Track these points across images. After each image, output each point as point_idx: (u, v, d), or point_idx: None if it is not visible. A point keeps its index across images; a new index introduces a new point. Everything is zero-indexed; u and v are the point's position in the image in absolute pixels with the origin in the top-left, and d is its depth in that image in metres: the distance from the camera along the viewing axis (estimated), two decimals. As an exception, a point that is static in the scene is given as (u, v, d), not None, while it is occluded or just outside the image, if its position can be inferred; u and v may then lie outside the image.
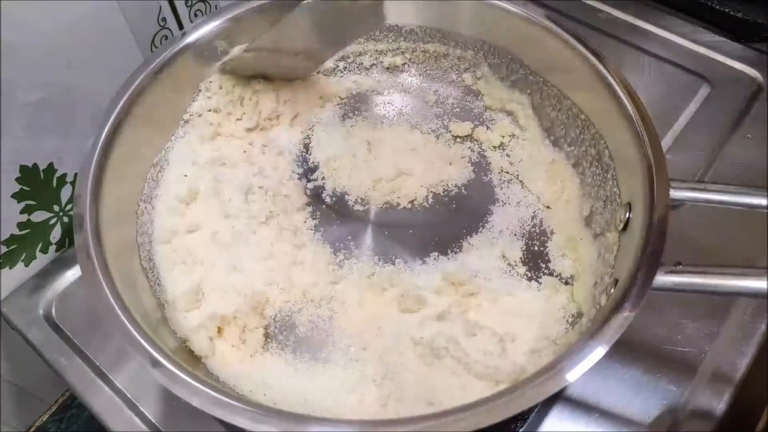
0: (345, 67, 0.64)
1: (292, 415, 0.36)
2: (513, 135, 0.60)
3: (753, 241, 0.55)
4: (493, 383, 0.44)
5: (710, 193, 0.43)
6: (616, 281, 0.43)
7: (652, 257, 0.40)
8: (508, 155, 0.59)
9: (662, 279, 0.39)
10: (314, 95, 0.63)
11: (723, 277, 0.38)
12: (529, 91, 0.59)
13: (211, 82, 0.57)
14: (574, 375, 0.36)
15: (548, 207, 0.55)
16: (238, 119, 0.58)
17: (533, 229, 0.54)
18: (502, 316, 0.49)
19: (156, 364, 0.38)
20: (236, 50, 0.56)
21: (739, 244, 0.55)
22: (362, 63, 0.64)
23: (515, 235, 0.54)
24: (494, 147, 0.60)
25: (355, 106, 0.63)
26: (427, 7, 0.60)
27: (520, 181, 0.58)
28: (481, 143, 0.60)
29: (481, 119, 0.62)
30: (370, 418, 0.42)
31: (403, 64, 0.64)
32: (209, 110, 0.57)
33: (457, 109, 0.63)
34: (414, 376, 0.46)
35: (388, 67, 0.65)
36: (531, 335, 0.47)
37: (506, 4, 0.56)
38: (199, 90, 0.57)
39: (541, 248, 0.53)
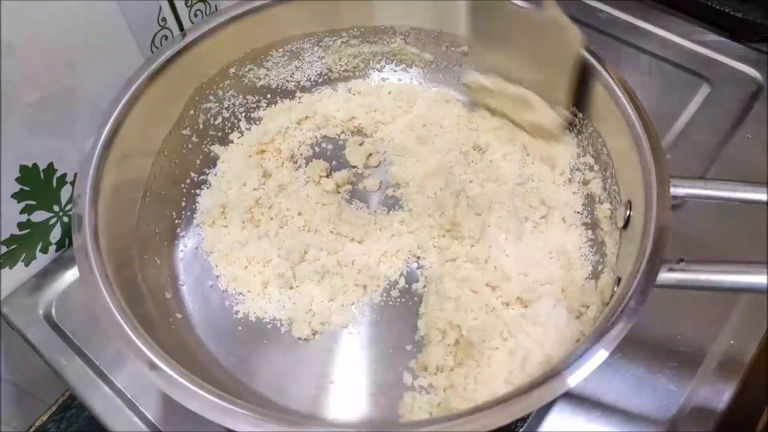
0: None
1: (290, 418, 0.36)
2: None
3: (753, 238, 0.55)
4: None
5: (710, 189, 0.43)
6: (619, 279, 0.43)
7: (654, 254, 0.40)
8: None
9: (665, 276, 0.39)
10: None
11: (725, 273, 0.38)
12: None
13: None
14: (575, 379, 0.36)
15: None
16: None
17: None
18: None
19: (153, 367, 0.38)
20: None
21: (740, 241, 0.55)
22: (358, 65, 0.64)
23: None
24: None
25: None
26: (420, 8, 0.60)
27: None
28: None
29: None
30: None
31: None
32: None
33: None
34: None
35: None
36: None
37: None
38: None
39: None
